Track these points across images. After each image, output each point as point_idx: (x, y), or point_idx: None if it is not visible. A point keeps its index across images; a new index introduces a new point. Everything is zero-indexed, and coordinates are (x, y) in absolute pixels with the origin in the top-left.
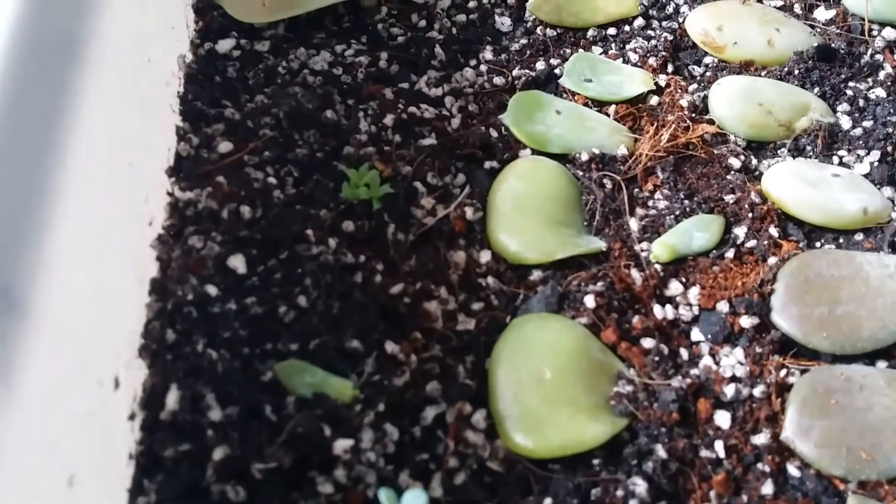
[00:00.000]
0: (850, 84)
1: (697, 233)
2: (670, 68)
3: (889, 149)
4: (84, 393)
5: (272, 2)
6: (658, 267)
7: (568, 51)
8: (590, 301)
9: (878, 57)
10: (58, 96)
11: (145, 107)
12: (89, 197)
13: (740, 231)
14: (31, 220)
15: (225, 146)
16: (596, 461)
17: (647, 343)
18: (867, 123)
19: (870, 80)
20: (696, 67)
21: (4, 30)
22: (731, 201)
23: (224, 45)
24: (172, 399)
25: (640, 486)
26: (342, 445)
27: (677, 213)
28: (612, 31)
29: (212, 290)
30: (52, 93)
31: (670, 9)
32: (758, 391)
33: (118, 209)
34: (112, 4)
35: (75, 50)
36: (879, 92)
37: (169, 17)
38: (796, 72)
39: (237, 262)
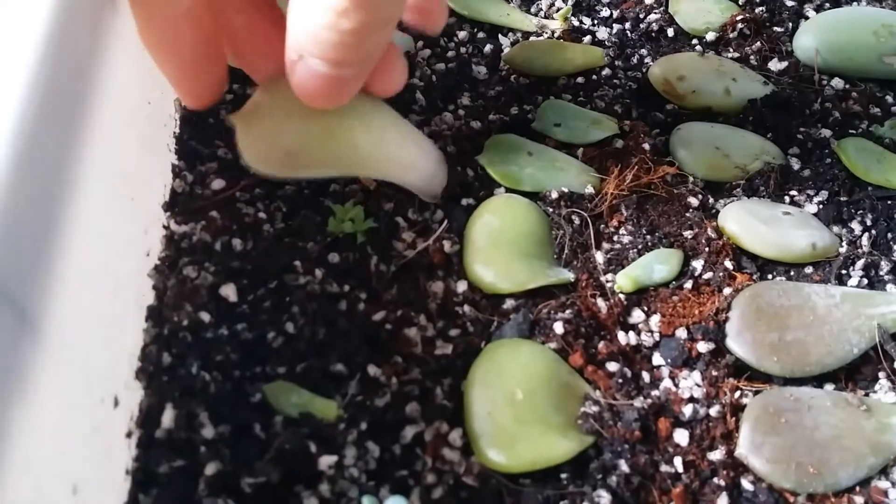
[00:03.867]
0: (801, 129)
1: (658, 265)
2: (634, 114)
3: (836, 189)
4: (89, 409)
5: None
6: (622, 296)
7: (540, 98)
8: (559, 327)
9: (828, 105)
10: (70, 136)
11: (145, 146)
12: (95, 228)
13: (698, 264)
14: (45, 247)
15: (218, 183)
16: (564, 475)
17: (612, 366)
18: (816, 166)
19: (819, 125)
20: (658, 114)
21: (25, 82)
22: (690, 236)
23: None
24: (168, 418)
25: (604, 498)
26: (327, 461)
27: (640, 247)
28: (580, 79)
29: (205, 316)
30: (65, 133)
31: (634, 60)
32: (714, 411)
33: (119, 241)
34: (115, 54)
35: (85, 96)
36: (828, 136)
37: None
38: (751, 118)
39: (229, 291)
